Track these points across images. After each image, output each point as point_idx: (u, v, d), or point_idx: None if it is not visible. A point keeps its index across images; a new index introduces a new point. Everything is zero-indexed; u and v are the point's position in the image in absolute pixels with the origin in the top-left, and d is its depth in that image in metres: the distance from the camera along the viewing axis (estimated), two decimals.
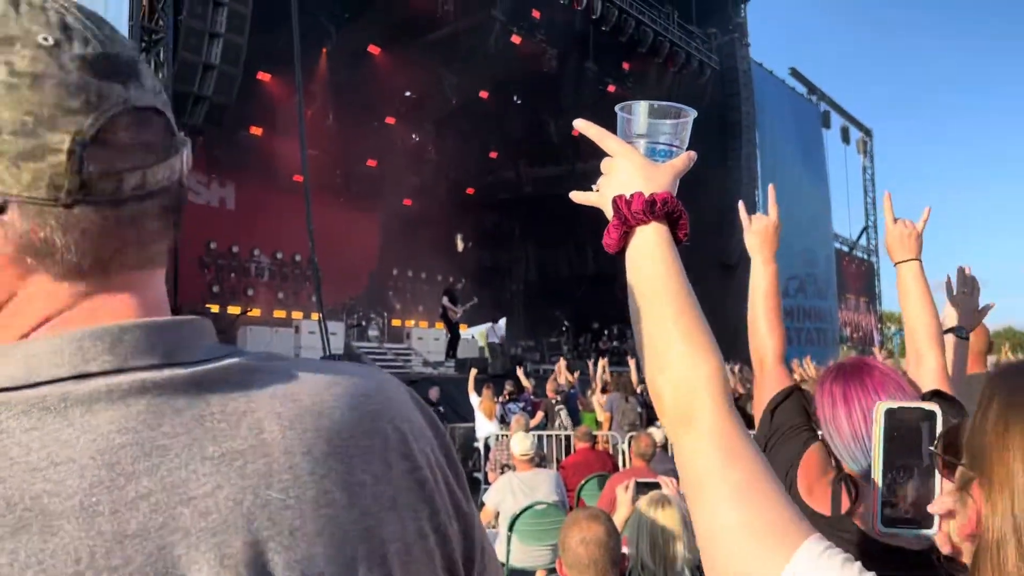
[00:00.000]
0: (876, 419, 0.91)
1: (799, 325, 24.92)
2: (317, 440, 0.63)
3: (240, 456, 0.61)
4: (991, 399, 0.76)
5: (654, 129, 1.02)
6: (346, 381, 0.69)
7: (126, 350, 0.60)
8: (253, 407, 0.63)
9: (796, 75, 27.16)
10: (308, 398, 0.65)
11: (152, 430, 0.58)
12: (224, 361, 0.64)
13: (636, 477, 3.66)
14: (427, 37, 18.08)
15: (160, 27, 10.42)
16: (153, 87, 0.64)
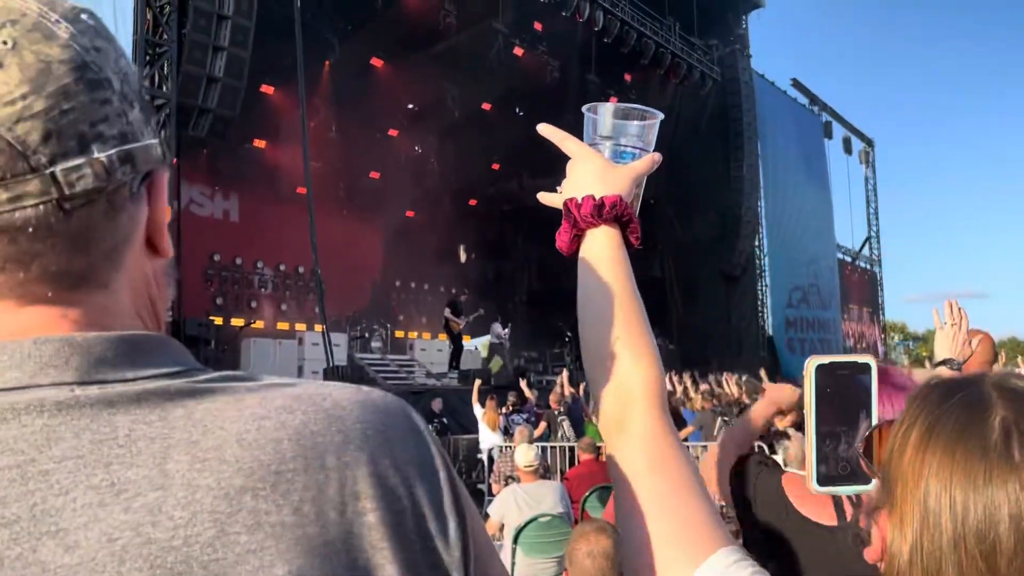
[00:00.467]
0: (806, 374, 0.88)
1: (802, 336, 24.87)
2: (233, 474, 0.56)
3: (130, 487, 0.55)
4: (914, 421, 0.70)
5: (620, 131, 1.03)
6: (302, 408, 0.61)
7: (35, 366, 0.56)
8: (167, 433, 0.57)
9: (798, 86, 27.21)
10: (238, 426, 0.58)
11: (39, 452, 0.54)
12: (155, 381, 0.59)
13: None
14: (429, 49, 18.16)
15: (164, 40, 10.47)
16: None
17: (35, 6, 0.59)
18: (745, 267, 22.80)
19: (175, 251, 0.71)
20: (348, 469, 0.59)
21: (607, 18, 17.64)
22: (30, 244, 0.57)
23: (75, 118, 0.57)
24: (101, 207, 0.59)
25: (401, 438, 0.63)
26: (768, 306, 23.80)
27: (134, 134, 0.62)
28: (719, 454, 1.87)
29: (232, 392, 0.61)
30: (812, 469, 0.86)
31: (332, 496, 0.58)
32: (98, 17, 0.64)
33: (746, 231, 21.94)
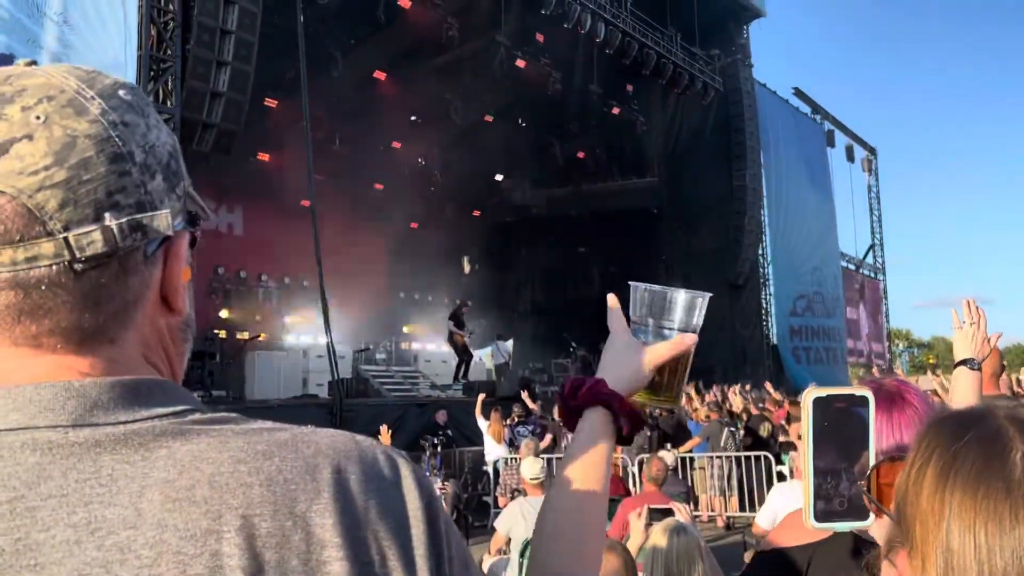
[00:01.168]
0: (803, 408, 0.87)
1: (807, 344, 24.82)
2: (201, 516, 0.59)
3: (104, 525, 0.58)
4: (928, 458, 0.67)
5: (659, 310, 1.05)
6: (281, 455, 0.63)
7: (35, 409, 0.61)
8: (146, 472, 0.60)
9: (800, 95, 27.23)
10: (213, 468, 0.61)
11: (29, 489, 0.58)
12: (146, 423, 0.62)
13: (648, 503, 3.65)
14: (432, 62, 18.22)
15: (168, 56, 10.52)
16: (18, 169, 0.61)
17: (74, 83, 0.66)
18: (749, 276, 22.77)
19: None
20: (317, 517, 0.61)
21: (608, 29, 17.69)
22: (43, 300, 0.62)
23: (92, 188, 0.63)
24: (112, 269, 0.65)
25: (378, 490, 0.64)
26: (772, 315, 23.76)
27: (152, 203, 0.66)
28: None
29: (218, 434, 0.63)
30: (809, 505, 0.85)
31: (296, 543, 0.60)
32: (137, 91, 0.70)
33: (749, 240, 21.93)
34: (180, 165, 0.72)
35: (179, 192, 0.71)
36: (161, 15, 10.54)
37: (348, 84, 18.07)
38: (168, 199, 0.68)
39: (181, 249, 0.71)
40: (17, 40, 8.90)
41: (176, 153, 0.72)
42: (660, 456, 6.14)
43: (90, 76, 0.68)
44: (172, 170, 0.70)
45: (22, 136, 0.62)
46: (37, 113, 0.63)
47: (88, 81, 0.67)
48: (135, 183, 0.65)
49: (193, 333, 0.77)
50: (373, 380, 15.08)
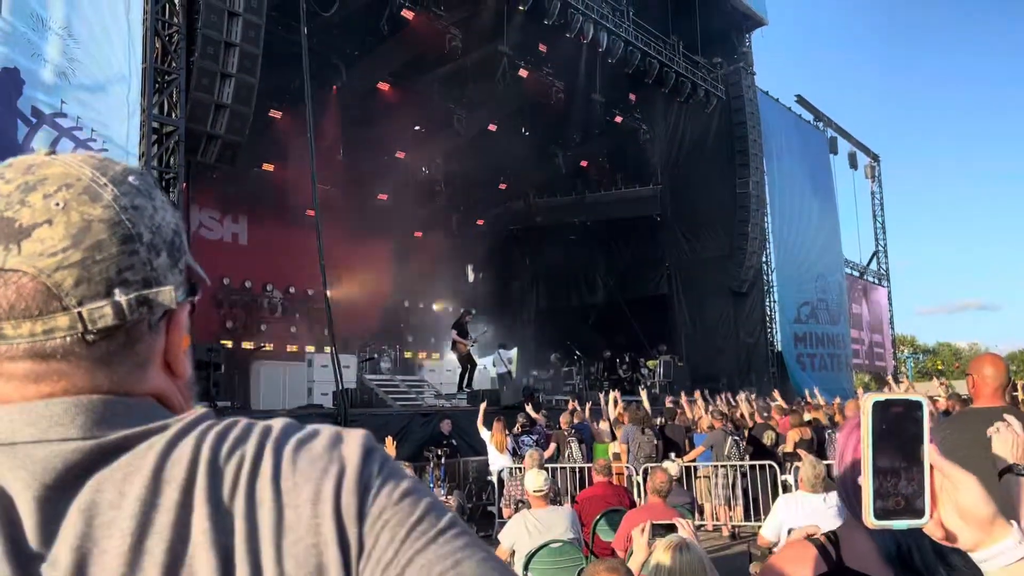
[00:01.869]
0: (863, 411, 0.91)
1: (812, 351, 24.78)
2: (174, 491, 0.67)
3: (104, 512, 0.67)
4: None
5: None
6: (238, 433, 0.72)
7: (46, 424, 0.69)
8: (130, 463, 0.69)
9: (802, 102, 27.26)
10: (181, 452, 0.70)
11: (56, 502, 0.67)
12: (139, 439, 0.70)
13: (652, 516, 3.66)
14: (436, 72, 18.30)
15: (173, 68, 10.57)
16: (40, 252, 0.69)
17: (89, 172, 0.74)
18: (753, 283, 22.75)
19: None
20: (255, 480, 0.70)
21: (611, 39, 17.74)
22: (59, 366, 0.71)
23: (104, 267, 0.71)
24: (120, 339, 0.72)
25: (315, 450, 0.72)
26: (777, 322, 23.73)
27: (157, 279, 0.74)
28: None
29: (200, 431, 0.72)
30: (869, 504, 0.89)
31: (239, 505, 0.69)
32: (145, 176, 0.78)
33: (753, 247, 21.92)
34: (183, 240, 0.80)
35: (180, 266, 0.78)
36: (166, 28, 10.60)
37: (352, 95, 18.15)
38: (172, 274, 0.76)
39: (182, 318, 0.78)
40: (21, 53, 8.95)
41: (179, 230, 0.79)
42: (664, 468, 6.14)
43: (103, 164, 0.76)
44: (175, 247, 0.77)
45: (43, 221, 0.70)
46: (57, 200, 0.71)
47: (101, 169, 0.75)
48: (142, 261, 0.73)
49: (194, 391, 0.84)
50: (377, 389, 15.07)
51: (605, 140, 22.80)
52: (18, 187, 0.71)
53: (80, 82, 9.49)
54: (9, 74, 8.85)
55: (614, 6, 18.26)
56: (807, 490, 5.33)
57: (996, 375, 3.28)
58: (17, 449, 0.67)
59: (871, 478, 0.89)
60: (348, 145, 19.81)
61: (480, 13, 16.56)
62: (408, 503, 0.71)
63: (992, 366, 3.31)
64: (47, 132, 9.08)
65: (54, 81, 9.19)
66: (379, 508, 0.70)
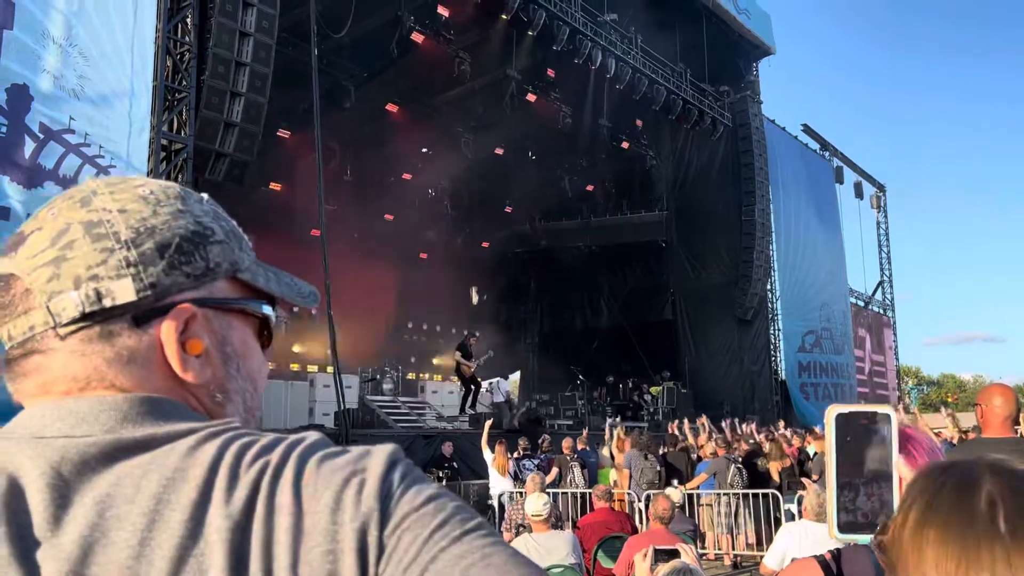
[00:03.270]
0: (827, 424, 0.90)
1: (816, 380, 24.65)
2: (191, 490, 0.68)
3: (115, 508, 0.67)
4: (911, 504, 0.72)
5: None
6: (273, 448, 0.72)
7: (74, 420, 0.71)
8: (150, 462, 0.69)
9: (809, 131, 27.32)
10: (212, 458, 0.70)
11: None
12: (163, 441, 0.71)
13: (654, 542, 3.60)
14: (444, 95, 18.42)
15: (183, 86, 10.64)
16: (28, 254, 0.74)
17: (97, 186, 0.78)
18: (757, 311, 22.68)
19: None
20: (282, 496, 0.69)
21: (619, 65, 17.84)
22: (41, 359, 0.75)
23: (73, 264, 0.74)
24: (93, 332, 0.74)
25: (339, 463, 0.72)
26: (781, 350, 23.64)
27: (138, 276, 0.75)
28: None
29: (224, 440, 0.71)
30: (833, 517, 0.88)
31: (262, 512, 0.68)
32: (169, 188, 0.81)
33: (758, 275, 21.89)
34: (199, 249, 0.79)
35: (189, 271, 0.78)
36: (177, 47, 10.69)
37: (361, 116, 18.25)
38: (168, 275, 0.76)
39: (178, 320, 0.77)
40: (30, 69, 8.99)
41: (195, 238, 0.79)
42: (667, 494, 6.08)
43: (122, 180, 0.80)
44: (182, 250, 0.78)
45: (36, 228, 0.76)
46: (54, 210, 0.76)
47: (112, 184, 0.79)
48: (120, 260, 0.74)
49: (233, 398, 0.83)
50: (380, 410, 15.01)
51: (611, 165, 22.87)
52: (44, 207, 0.77)
53: (88, 99, 9.54)
54: (18, 90, 8.89)
55: (623, 33, 18.39)
56: (811, 519, 5.27)
57: (1005, 405, 3.24)
58: (42, 442, 0.69)
59: (835, 491, 0.88)
60: (355, 166, 19.90)
61: (489, 38, 16.69)
62: (432, 507, 0.69)
63: (1001, 396, 3.27)
64: (55, 148, 9.11)
65: (62, 97, 9.24)
66: (401, 513, 0.69)
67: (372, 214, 21.23)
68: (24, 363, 0.75)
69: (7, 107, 8.75)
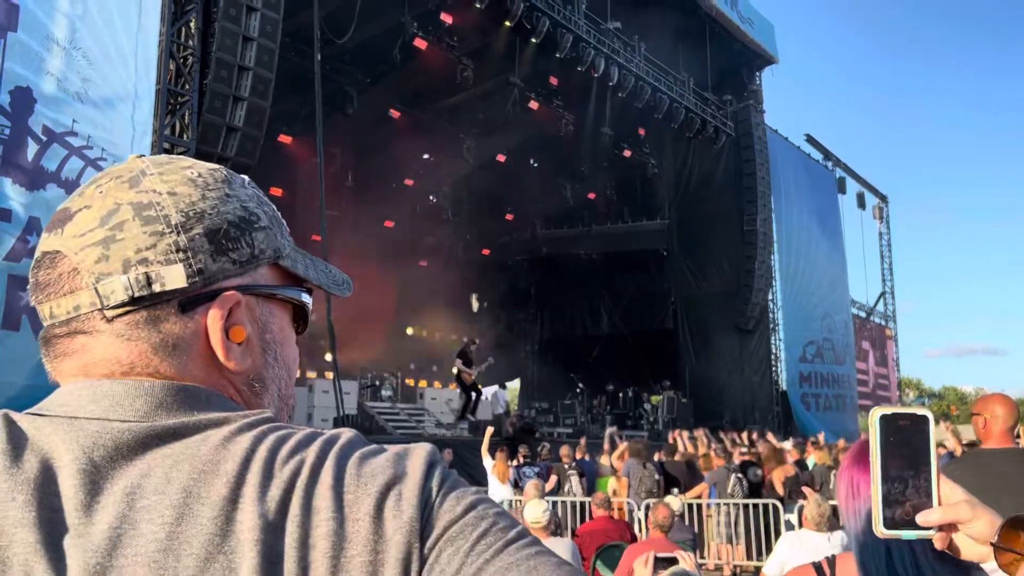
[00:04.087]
0: (871, 424, 0.94)
1: (816, 391, 24.59)
2: (223, 485, 0.66)
3: (143, 498, 0.66)
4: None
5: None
6: (310, 445, 0.71)
7: (109, 403, 0.70)
8: (181, 451, 0.69)
9: (811, 141, 27.34)
10: (246, 451, 0.69)
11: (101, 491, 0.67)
12: (198, 430, 0.70)
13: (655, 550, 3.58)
14: (447, 102, 18.44)
15: (186, 90, 10.65)
16: (76, 232, 0.73)
17: (144, 165, 0.78)
18: (759, 321, 22.65)
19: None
20: (320, 500, 0.67)
21: (622, 73, 17.86)
22: (86, 339, 0.74)
23: (122, 246, 0.73)
24: (140, 316, 0.73)
25: (383, 468, 0.71)
26: (782, 360, 23.60)
27: (187, 262, 0.74)
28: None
29: (260, 432, 0.71)
30: (879, 513, 0.91)
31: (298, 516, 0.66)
32: (216, 171, 0.81)
33: (759, 285, 21.87)
34: (245, 235, 0.79)
35: (235, 257, 0.77)
36: (181, 50, 10.70)
37: (363, 122, 18.27)
38: (216, 261, 0.76)
39: (224, 308, 0.76)
40: (34, 72, 8.99)
41: (242, 224, 0.79)
42: (666, 502, 6.05)
43: (168, 160, 0.80)
44: (229, 236, 0.77)
45: (84, 206, 0.75)
46: (101, 188, 0.76)
47: (160, 163, 0.79)
48: (168, 243, 0.74)
49: (270, 387, 0.83)
50: (378, 417, 14.98)
51: (613, 173, 22.88)
52: (88, 183, 0.77)
53: (92, 102, 9.54)
54: (21, 92, 8.89)
55: (626, 41, 18.42)
56: (811, 528, 5.23)
57: (1007, 415, 3.18)
58: (76, 423, 0.69)
59: (880, 488, 0.92)
60: (357, 171, 19.93)
61: (492, 44, 16.71)
62: (473, 516, 0.69)
63: (1003, 406, 3.21)
64: (57, 151, 9.10)
65: (65, 100, 9.24)
66: (443, 524, 0.68)
67: (373, 220, 21.24)
68: (67, 343, 0.74)
69: (10, 109, 8.75)
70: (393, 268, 21.62)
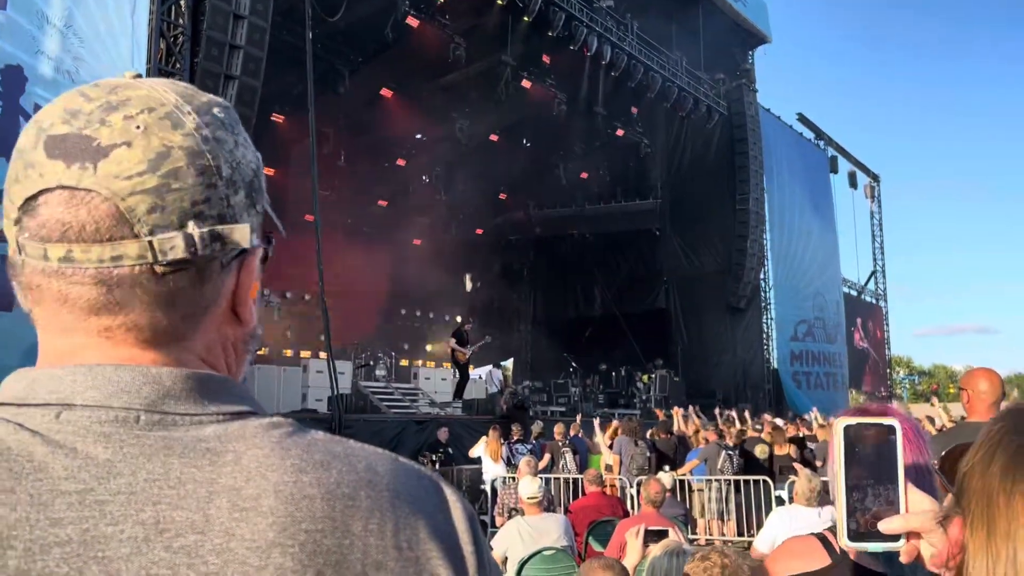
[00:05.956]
0: (835, 434, 0.91)
1: (808, 369, 24.76)
2: (267, 527, 0.61)
3: (172, 527, 0.60)
4: (999, 441, 0.72)
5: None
6: (338, 468, 0.65)
7: (112, 389, 0.64)
8: (213, 478, 0.62)
9: (803, 120, 27.33)
10: (277, 475, 0.63)
11: (99, 483, 0.61)
12: (209, 422, 0.65)
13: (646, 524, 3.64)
14: (439, 81, 18.34)
15: (177, 69, 10.57)
16: (116, 173, 0.65)
17: (173, 98, 0.70)
18: (751, 299, 22.74)
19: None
20: (372, 537, 0.63)
21: (614, 52, 17.79)
22: (123, 297, 0.66)
23: (179, 196, 0.67)
24: (190, 275, 0.68)
25: (430, 511, 0.68)
26: (773, 339, 23.73)
27: (233, 216, 0.70)
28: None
29: (279, 441, 0.66)
30: (843, 525, 0.88)
31: (353, 563, 0.62)
32: (230, 109, 0.75)
33: (751, 264, 21.93)
34: (262, 183, 0.76)
35: (259, 208, 0.75)
36: (171, 29, 10.62)
37: (355, 101, 18.17)
38: (248, 214, 0.72)
39: (254, 264, 0.75)
40: (24, 50, 8.93)
41: (259, 172, 0.76)
42: (658, 478, 6.12)
43: (188, 92, 0.72)
44: (255, 188, 0.74)
45: (122, 142, 0.66)
46: (138, 123, 0.67)
47: (186, 97, 0.71)
48: (219, 196, 0.69)
49: (257, 346, 0.80)
50: (372, 396, 15.04)
51: (606, 153, 22.84)
52: (100, 106, 0.67)
53: (83, 80, 9.46)
54: (12, 71, 8.83)
55: (618, 20, 18.34)
56: (802, 504, 5.31)
57: (991, 390, 3.24)
58: (74, 411, 0.63)
59: (844, 500, 0.89)
60: (349, 151, 19.84)
61: (485, 23, 16.62)
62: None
63: (987, 380, 3.27)
64: None
65: (57, 79, 9.18)
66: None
67: (366, 199, 21.21)
68: (83, 291, 0.66)
69: (1, 88, 8.70)
70: (386, 248, 21.61)
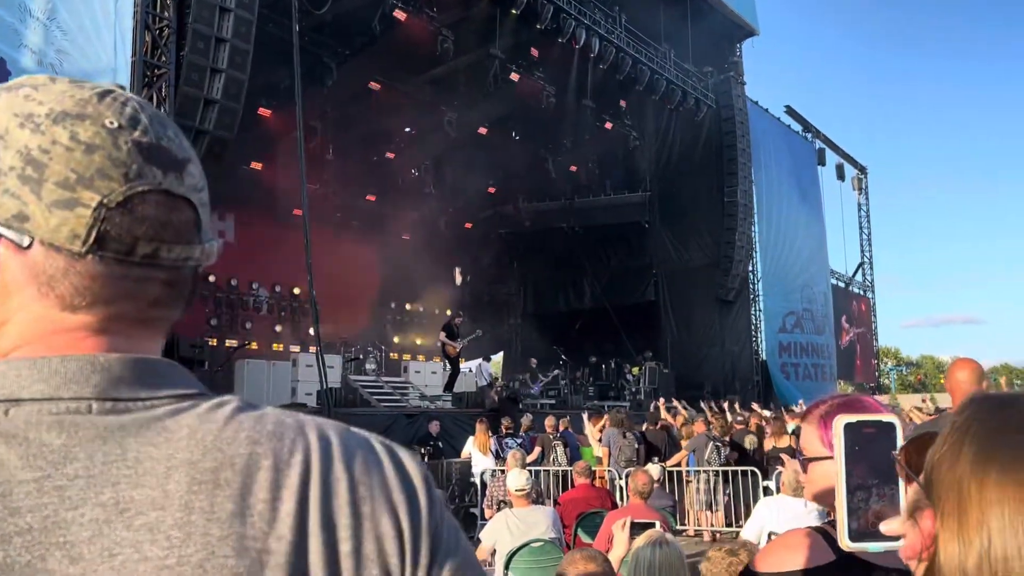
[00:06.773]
0: (835, 433, 0.90)
1: (796, 360, 24.88)
2: (226, 499, 0.62)
3: (132, 506, 0.61)
4: (967, 429, 0.70)
5: None
6: (291, 436, 0.68)
7: (59, 381, 0.64)
8: (170, 454, 0.63)
9: (791, 113, 27.39)
10: (234, 450, 0.65)
11: (56, 469, 0.61)
12: (166, 405, 0.67)
13: (633, 515, 3.65)
14: (427, 74, 18.28)
15: (163, 62, 10.51)
16: (194, 185, 0.74)
17: (161, 115, 0.78)
18: (739, 291, 22.83)
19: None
20: (329, 500, 0.66)
21: (603, 45, 17.78)
22: (176, 292, 0.73)
23: (208, 211, 0.77)
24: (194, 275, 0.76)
25: (384, 473, 0.70)
26: (762, 331, 23.83)
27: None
28: None
29: (232, 416, 0.68)
30: (844, 525, 0.88)
31: (312, 525, 0.64)
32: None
33: (740, 256, 22.01)
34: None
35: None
36: (156, 21, 10.55)
37: (342, 94, 18.10)
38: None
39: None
40: (7, 43, 8.85)
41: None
42: (646, 469, 6.14)
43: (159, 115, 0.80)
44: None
45: (189, 158, 0.75)
46: (184, 142, 0.76)
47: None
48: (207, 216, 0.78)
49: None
50: (362, 390, 15.02)
51: (595, 146, 22.84)
52: (153, 116, 0.73)
53: (68, 75, 9.35)
54: None
55: (606, 12, 18.32)
56: (789, 494, 5.34)
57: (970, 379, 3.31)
58: (22, 407, 0.63)
59: (845, 499, 0.88)
60: (337, 144, 19.78)
61: (473, 16, 16.57)
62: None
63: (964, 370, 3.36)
64: None
65: (40, 72, 9.10)
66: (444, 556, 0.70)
67: (355, 193, 21.13)
68: (153, 289, 0.71)
69: None
70: (375, 242, 21.56)
